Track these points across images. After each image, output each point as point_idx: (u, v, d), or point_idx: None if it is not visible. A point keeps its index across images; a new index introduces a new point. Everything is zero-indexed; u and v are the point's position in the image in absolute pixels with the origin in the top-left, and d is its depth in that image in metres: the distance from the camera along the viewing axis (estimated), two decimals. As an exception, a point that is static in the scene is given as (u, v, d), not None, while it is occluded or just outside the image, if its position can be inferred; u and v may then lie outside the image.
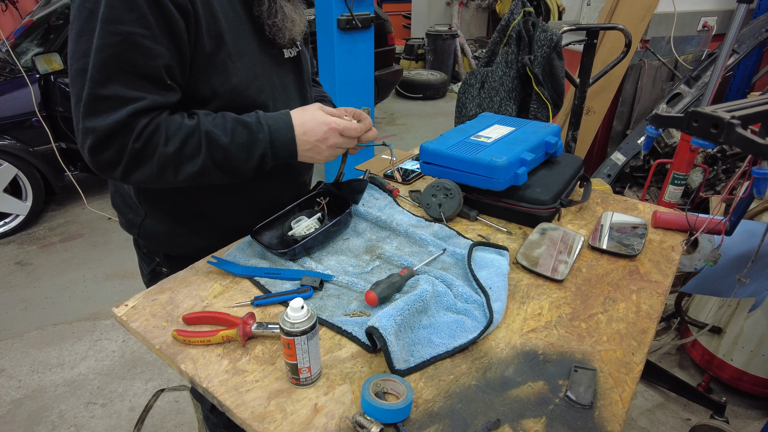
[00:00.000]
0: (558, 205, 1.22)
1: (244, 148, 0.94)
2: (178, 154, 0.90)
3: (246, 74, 0.98)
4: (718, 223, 1.17)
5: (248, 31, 0.98)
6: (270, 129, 0.97)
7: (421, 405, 0.74)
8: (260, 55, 1.01)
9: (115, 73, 0.83)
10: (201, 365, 0.82)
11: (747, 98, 0.95)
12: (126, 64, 0.84)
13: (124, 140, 0.86)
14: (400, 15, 8.65)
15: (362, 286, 0.98)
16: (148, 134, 0.87)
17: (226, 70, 0.94)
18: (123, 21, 0.81)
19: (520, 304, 0.96)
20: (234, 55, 0.95)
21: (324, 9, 2.91)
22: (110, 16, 0.81)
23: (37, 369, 2.27)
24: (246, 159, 0.95)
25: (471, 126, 1.42)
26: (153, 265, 1.21)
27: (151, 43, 0.84)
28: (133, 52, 0.83)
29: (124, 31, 0.82)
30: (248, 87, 0.99)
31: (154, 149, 0.88)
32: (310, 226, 1.13)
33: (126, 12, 0.81)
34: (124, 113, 0.85)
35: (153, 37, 0.84)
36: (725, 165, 2.75)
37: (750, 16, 3.26)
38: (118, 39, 0.82)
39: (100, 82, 0.83)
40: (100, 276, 2.94)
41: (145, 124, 0.87)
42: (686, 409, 2.04)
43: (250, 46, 0.98)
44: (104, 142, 0.86)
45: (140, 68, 0.85)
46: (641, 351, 0.85)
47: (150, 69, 0.86)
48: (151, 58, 0.85)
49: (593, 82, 2.53)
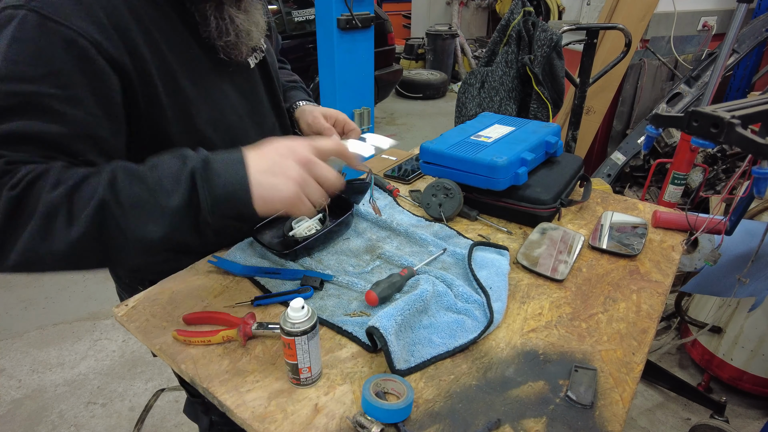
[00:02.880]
0: (558, 205, 1.22)
1: (165, 171, 0.67)
2: (69, 196, 0.63)
3: (210, 114, 0.88)
4: (718, 223, 1.17)
5: (204, 62, 0.86)
6: (207, 153, 0.72)
7: (422, 405, 0.74)
8: (221, 85, 0.91)
9: (4, 134, 0.64)
10: (201, 365, 0.82)
11: (747, 98, 0.95)
12: (20, 129, 0.64)
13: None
14: (400, 15, 8.65)
15: (362, 286, 0.98)
16: (30, 179, 0.63)
17: (189, 116, 0.84)
18: (30, 78, 0.65)
19: (521, 304, 0.96)
20: (193, 97, 0.84)
21: (324, 9, 2.91)
22: (10, 72, 0.64)
23: (37, 369, 2.27)
24: (168, 189, 0.66)
25: (471, 126, 1.42)
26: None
27: (64, 107, 0.67)
28: (35, 115, 0.65)
29: (29, 91, 0.65)
30: (216, 128, 0.90)
31: (37, 196, 0.63)
32: (311, 227, 1.13)
33: (31, 67, 0.65)
34: (2, 161, 0.64)
35: (68, 100, 0.67)
36: (725, 165, 2.75)
37: (750, 16, 3.26)
38: (17, 100, 0.64)
39: None
40: (100, 276, 2.94)
41: (29, 170, 0.64)
42: (686, 408, 2.04)
43: (207, 80, 0.87)
44: None
45: (39, 134, 0.66)
46: (641, 351, 0.85)
47: (54, 136, 0.67)
48: (60, 125, 0.67)
49: (593, 81, 2.53)
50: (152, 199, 0.65)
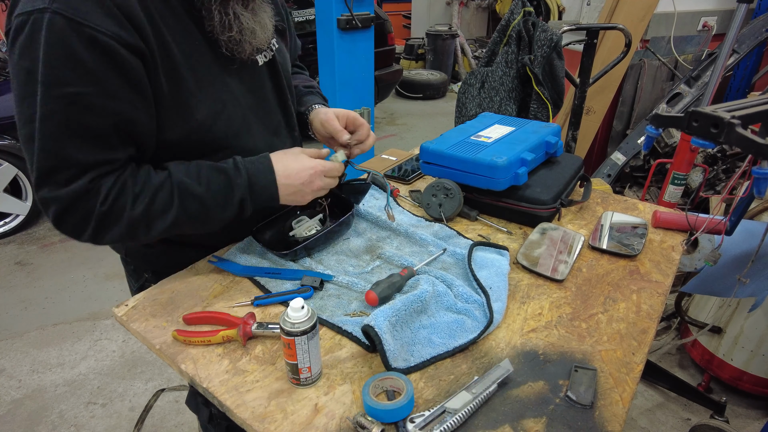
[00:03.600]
0: (558, 205, 1.22)
1: (221, 195, 0.89)
2: (147, 211, 0.84)
3: (211, 107, 0.90)
4: (718, 223, 1.17)
5: (207, 55, 0.89)
6: (248, 173, 0.90)
7: (422, 405, 0.74)
8: (225, 79, 0.92)
9: (67, 140, 0.76)
10: (201, 365, 0.82)
11: (747, 98, 0.95)
12: (78, 128, 0.76)
13: (89, 206, 0.80)
14: (400, 15, 8.65)
15: (362, 286, 0.98)
16: (114, 196, 0.81)
17: (188, 107, 0.87)
18: (67, 82, 0.73)
19: (521, 304, 0.96)
20: (194, 89, 0.87)
21: (324, 9, 2.91)
22: (51, 77, 0.72)
23: (37, 369, 2.27)
24: (224, 206, 0.90)
25: (471, 126, 1.42)
26: (142, 281, 1.17)
27: (104, 101, 0.76)
28: (83, 114, 0.75)
29: (70, 93, 0.73)
30: (216, 120, 0.91)
31: (121, 211, 0.82)
32: (312, 227, 1.13)
33: (69, 70, 0.72)
34: (85, 180, 0.79)
35: (105, 93, 0.76)
36: (725, 165, 2.75)
37: (750, 16, 3.26)
38: (65, 103, 0.73)
39: (52, 152, 0.76)
40: (100, 276, 2.94)
41: (110, 185, 0.81)
42: (686, 408, 2.04)
43: (210, 74, 0.90)
44: (67, 210, 0.80)
45: (94, 130, 0.77)
46: (641, 351, 0.85)
47: (106, 128, 0.78)
48: (106, 117, 0.77)
49: (593, 82, 2.53)
50: (211, 213, 0.90)
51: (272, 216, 1.14)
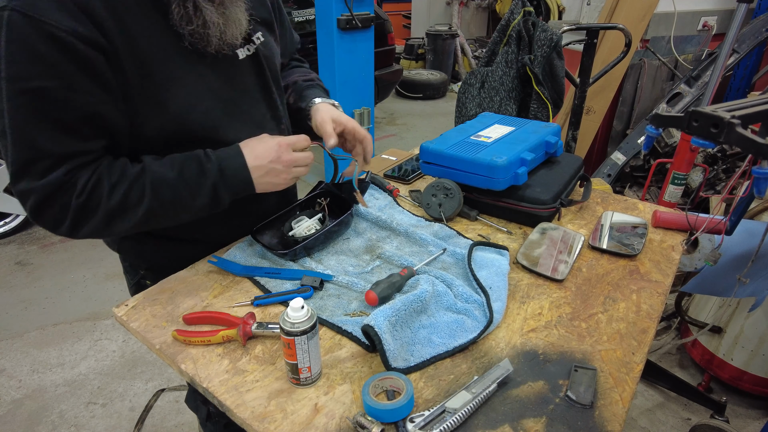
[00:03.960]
0: (558, 205, 1.22)
1: (193, 182, 0.89)
2: (123, 202, 0.85)
3: (185, 99, 0.89)
4: (718, 223, 1.17)
5: (179, 47, 0.87)
6: (218, 158, 0.91)
7: (422, 405, 0.74)
8: (200, 71, 0.91)
9: (38, 132, 0.77)
10: (201, 365, 0.82)
11: (747, 98, 0.95)
12: (46, 121, 0.77)
13: (66, 198, 0.81)
14: (400, 15, 8.64)
15: (362, 286, 0.98)
16: (90, 188, 0.82)
17: (159, 100, 0.86)
18: (30, 77, 0.74)
19: (521, 304, 0.96)
20: (165, 82, 0.86)
21: (324, 9, 2.91)
22: (14, 73, 0.74)
23: (37, 369, 2.27)
24: (197, 193, 0.90)
25: (471, 126, 1.42)
26: (137, 277, 1.17)
27: (67, 94, 0.77)
28: (49, 107, 0.76)
29: (34, 87, 0.75)
30: (191, 112, 0.90)
31: (97, 203, 0.83)
32: (311, 227, 1.13)
33: (31, 66, 0.74)
34: (61, 172, 0.80)
35: (68, 87, 0.77)
36: (725, 165, 2.75)
37: (750, 16, 3.26)
38: (29, 97, 0.75)
39: (25, 145, 0.77)
40: (100, 276, 2.94)
41: (87, 178, 0.82)
42: (686, 408, 2.04)
43: (184, 65, 0.89)
44: (45, 202, 0.81)
45: (63, 122, 0.78)
46: (641, 351, 0.85)
47: (75, 121, 0.79)
48: (72, 110, 0.78)
49: (593, 81, 2.53)
50: (186, 201, 0.90)
51: (272, 216, 1.14)
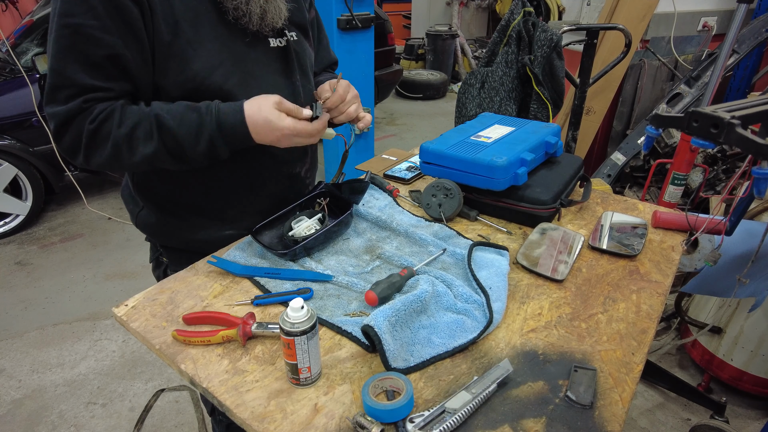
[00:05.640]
0: (558, 205, 1.22)
1: (192, 132, 0.95)
2: (130, 135, 0.93)
3: (208, 60, 0.97)
4: (718, 223, 1.17)
5: (212, 16, 0.97)
6: (219, 111, 0.96)
7: (422, 405, 0.74)
8: (228, 41, 0.99)
9: (70, 63, 0.89)
10: (201, 365, 0.82)
11: (747, 98, 0.95)
12: (78, 54, 0.88)
13: (81, 124, 0.92)
14: (400, 15, 8.65)
15: (362, 286, 0.98)
16: (102, 117, 0.92)
17: (185, 57, 0.95)
18: (74, 14, 0.86)
19: (520, 304, 0.96)
20: (194, 41, 0.95)
21: (324, 9, 2.91)
22: (64, 9, 0.87)
23: (37, 369, 2.27)
24: (195, 143, 0.96)
25: (471, 126, 1.42)
26: (156, 253, 1.25)
27: (101, 34, 0.88)
28: (84, 42, 0.88)
29: (74, 23, 0.87)
30: (211, 73, 0.97)
31: (108, 130, 0.92)
32: (311, 227, 1.13)
33: (77, 5, 0.86)
34: (80, 100, 0.90)
35: (102, 28, 0.88)
36: (725, 165, 2.75)
37: (750, 16, 3.26)
38: (69, 31, 0.87)
39: (57, 72, 0.89)
40: (100, 276, 2.94)
41: (101, 109, 0.92)
42: (686, 409, 2.04)
43: (213, 32, 0.97)
44: (64, 126, 0.92)
45: (92, 57, 0.89)
46: (641, 351, 0.85)
47: (102, 59, 0.90)
48: (101, 48, 0.88)
49: (593, 82, 2.53)
50: (186, 150, 0.96)
51: (272, 216, 1.14)
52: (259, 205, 1.15)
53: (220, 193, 1.11)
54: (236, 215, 1.14)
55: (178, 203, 1.12)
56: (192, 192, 1.10)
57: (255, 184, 1.13)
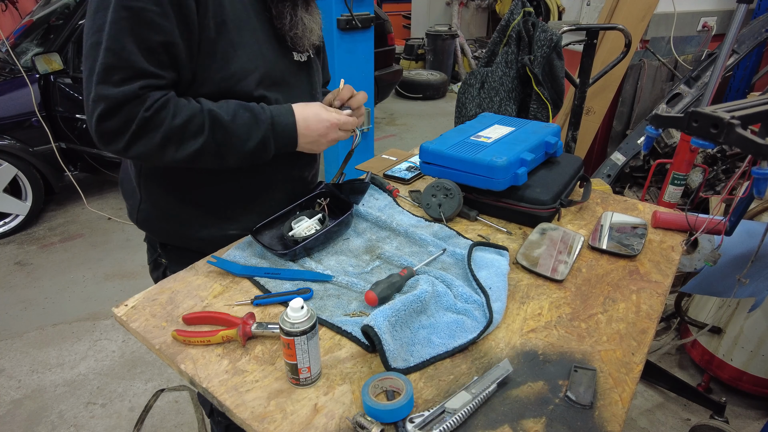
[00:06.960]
0: (558, 205, 1.22)
1: (245, 128, 0.98)
2: (183, 128, 0.94)
3: (246, 63, 1.00)
4: (718, 223, 1.17)
5: (255, 23, 1.02)
6: (272, 113, 1.01)
7: (422, 405, 0.74)
8: (265, 49, 1.04)
9: (128, 45, 0.89)
10: (201, 365, 0.82)
11: (747, 98, 0.95)
12: (137, 37, 0.89)
13: (135, 109, 0.91)
14: (400, 15, 8.64)
15: (362, 286, 0.98)
16: (158, 106, 0.92)
17: (226, 57, 0.98)
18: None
19: (520, 304, 0.96)
20: (236, 43, 0.98)
21: (324, 9, 2.91)
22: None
23: (37, 369, 2.27)
24: (246, 139, 0.99)
25: (471, 126, 1.42)
26: (155, 255, 1.24)
27: (161, 20, 0.89)
28: (143, 26, 0.89)
29: (137, 6, 0.87)
30: (247, 76, 1.01)
31: (162, 120, 0.93)
32: (311, 227, 1.13)
33: None
34: (137, 85, 0.90)
35: (163, 14, 0.89)
36: (725, 165, 2.75)
37: (750, 16, 3.26)
38: (130, 13, 0.88)
39: (113, 52, 0.88)
40: (100, 276, 2.94)
41: (157, 97, 0.92)
42: (686, 409, 2.04)
43: (254, 38, 1.01)
44: (114, 110, 0.90)
45: (149, 42, 0.90)
46: (641, 351, 0.85)
47: (158, 45, 0.90)
48: (159, 34, 0.90)
49: (593, 82, 2.53)
50: (236, 146, 0.99)
51: (272, 216, 1.14)
52: (265, 207, 1.15)
53: (231, 193, 1.12)
54: (242, 216, 1.14)
55: (184, 199, 1.11)
56: (202, 189, 1.10)
57: (267, 187, 1.14)
